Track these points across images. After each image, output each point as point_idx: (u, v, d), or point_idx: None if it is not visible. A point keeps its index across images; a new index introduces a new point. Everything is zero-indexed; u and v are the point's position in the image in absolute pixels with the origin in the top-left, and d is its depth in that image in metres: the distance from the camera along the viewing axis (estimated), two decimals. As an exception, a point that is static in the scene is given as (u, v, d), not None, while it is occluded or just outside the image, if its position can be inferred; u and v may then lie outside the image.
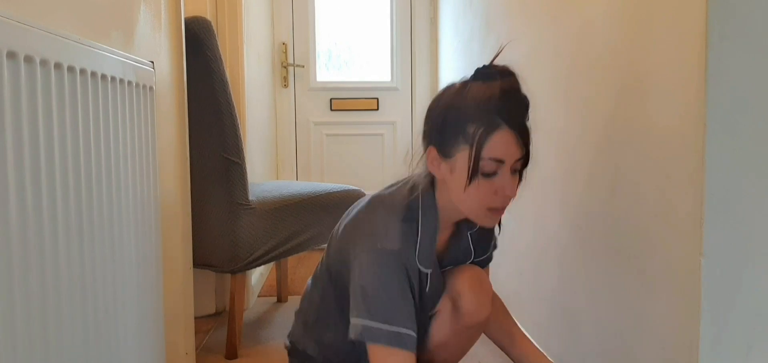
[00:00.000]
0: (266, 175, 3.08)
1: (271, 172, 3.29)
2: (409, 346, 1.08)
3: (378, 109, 3.57)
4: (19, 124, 0.69)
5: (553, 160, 1.61)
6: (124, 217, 1.03)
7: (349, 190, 2.14)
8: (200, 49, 1.69)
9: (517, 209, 1.29)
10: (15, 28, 0.69)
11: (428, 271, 1.17)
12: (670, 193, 1.05)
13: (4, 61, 0.66)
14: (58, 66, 0.79)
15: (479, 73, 1.10)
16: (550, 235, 1.66)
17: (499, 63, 1.11)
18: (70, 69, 0.82)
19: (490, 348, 1.51)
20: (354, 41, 3.62)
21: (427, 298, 1.21)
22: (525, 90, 1.09)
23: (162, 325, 1.27)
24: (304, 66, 3.50)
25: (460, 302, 1.22)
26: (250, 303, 2.36)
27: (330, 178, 3.48)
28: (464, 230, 1.27)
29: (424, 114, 1.17)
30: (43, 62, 0.75)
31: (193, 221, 1.58)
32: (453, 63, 3.02)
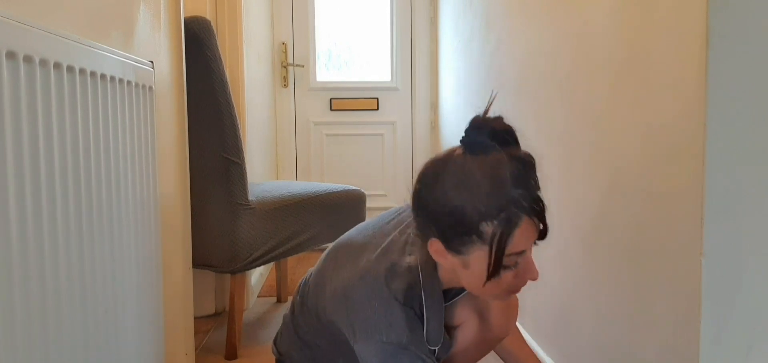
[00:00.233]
0: (266, 175, 3.08)
1: (271, 172, 3.29)
2: None
3: (378, 109, 3.57)
4: (18, 124, 0.69)
5: (553, 160, 1.61)
6: (124, 217, 1.03)
7: (349, 190, 2.14)
8: (200, 48, 1.68)
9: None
10: (15, 28, 0.69)
11: (437, 346, 1.10)
12: (670, 192, 1.05)
13: (4, 61, 0.66)
14: (57, 66, 0.79)
15: (476, 146, 0.93)
16: (550, 235, 1.65)
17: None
18: (70, 69, 0.82)
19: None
20: (354, 41, 3.61)
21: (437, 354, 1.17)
22: (523, 143, 0.96)
23: (162, 325, 1.27)
24: (304, 66, 3.50)
25: (489, 315, 1.21)
26: (250, 303, 2.36)
27: (330, 178, 3.48)
28: None
29: (416, 175, 1.02)
30: (43, 62, 0.75)
31: (192, 221, 1.58)
32: (453, 63, 3.02)
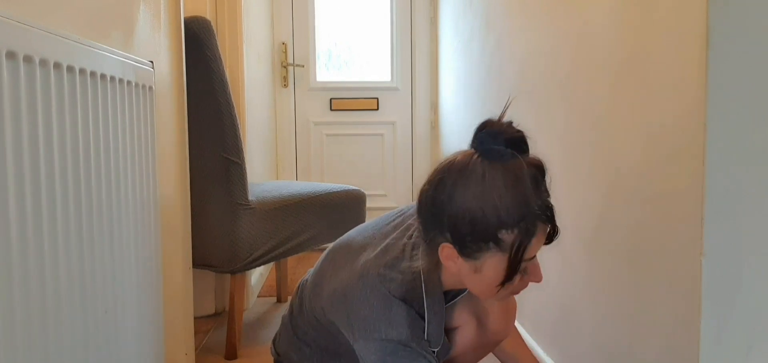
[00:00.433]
0: (266, 175, 3.08)
1: (271, 172, 3.29)
2: None
3: (378, 109, 3.57)
4: (18, 124, 0.69)
5: (553, 160, 1.60)
6: (124, 217, 1.03)
7: (349, 190, 2.14)
8: (200, 48, 1.68)
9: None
10: (15, 28, 0.69)
11: (437, 348, 1.11)
12: (670, 192, 1.05)
13: (4, 61, 0.66)
14: (57, 66, 0.79)
15: (494, 153, 0.96)
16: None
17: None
18: (70, 69, 0.82)
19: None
20: (354, 41, 3.61)
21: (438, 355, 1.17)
22: (532, 147, 0.99)
23: (161, 325, 1.27)
24: (304, 66, 3.50)
25: (487, 317, 1.21)
26: (250, 303, 2.36)
27: (330, 178, 3.48)
28: None
29: (417, 195, 1.03)
30: (43, 62, 0.75)
31: (192, 221, 1.58)
32: (453, 63, 3.02)
